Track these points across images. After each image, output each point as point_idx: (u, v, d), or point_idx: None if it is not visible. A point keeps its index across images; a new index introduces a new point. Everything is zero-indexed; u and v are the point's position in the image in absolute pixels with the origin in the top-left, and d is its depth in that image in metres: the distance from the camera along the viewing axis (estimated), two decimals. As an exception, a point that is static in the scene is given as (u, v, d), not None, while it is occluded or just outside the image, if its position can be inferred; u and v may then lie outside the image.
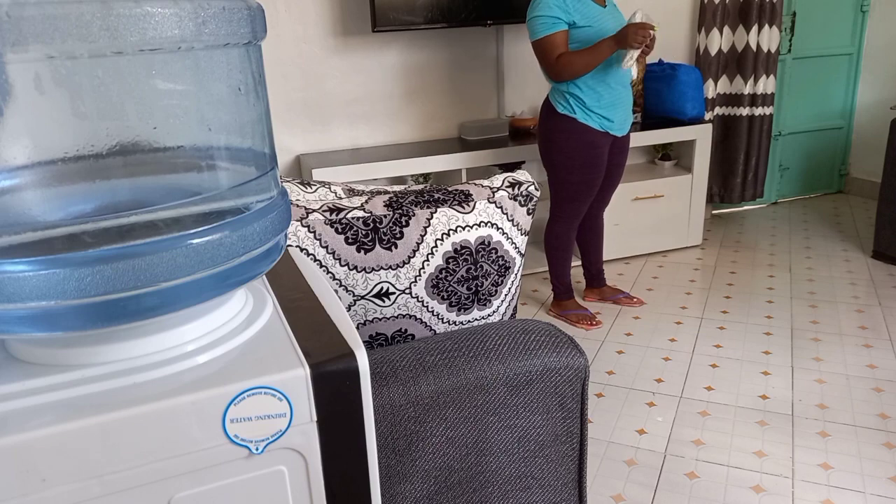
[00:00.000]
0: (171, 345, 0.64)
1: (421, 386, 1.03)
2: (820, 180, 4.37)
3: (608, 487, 1.83)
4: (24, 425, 0.55)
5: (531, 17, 2.42)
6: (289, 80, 3.04)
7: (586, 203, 2.68)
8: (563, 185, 2.63)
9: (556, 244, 2.77)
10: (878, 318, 2.72)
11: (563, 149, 2.56)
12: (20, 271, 0.54)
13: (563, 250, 2.78)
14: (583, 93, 2.47)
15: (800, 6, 3.92)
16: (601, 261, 2.99)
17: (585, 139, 2.53)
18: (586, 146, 2.54)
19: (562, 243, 2.76)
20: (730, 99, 3.76)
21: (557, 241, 2.76)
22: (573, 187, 2.62)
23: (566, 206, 2.68)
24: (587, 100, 2.48)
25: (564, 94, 2.51)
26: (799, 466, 1.87)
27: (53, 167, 0.55)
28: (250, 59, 0.66)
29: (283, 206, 0.72)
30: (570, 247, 2.79)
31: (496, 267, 1.27)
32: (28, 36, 0.50)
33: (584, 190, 2.63)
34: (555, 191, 2.68)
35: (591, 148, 2.54)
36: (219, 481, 0.62)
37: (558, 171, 2.62)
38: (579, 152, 2.55)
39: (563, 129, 2.54)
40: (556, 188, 2.66)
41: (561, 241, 2.76)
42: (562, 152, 2.57)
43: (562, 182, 2.63)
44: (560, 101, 2.53)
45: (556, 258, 2.80)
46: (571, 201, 2.66)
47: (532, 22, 2.42)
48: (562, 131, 2.54)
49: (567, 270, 2.83)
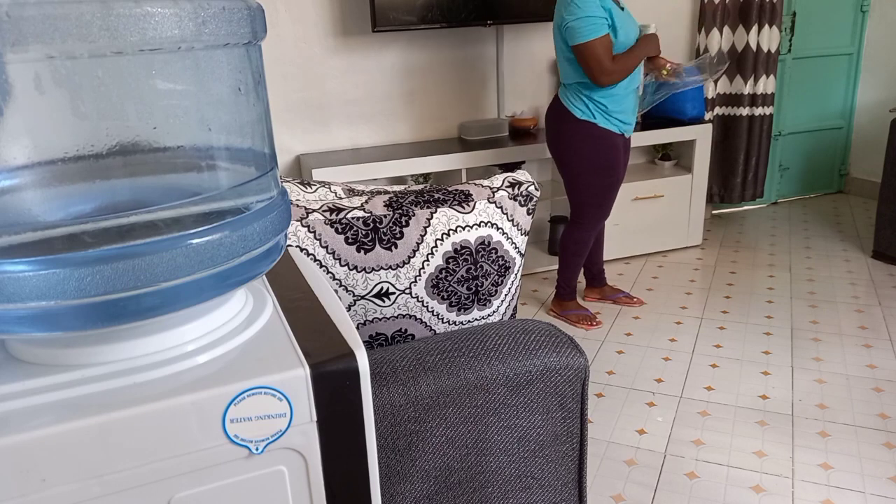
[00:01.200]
0: (171, 345, 0.64)
1: (421, 386, 1.03)
2: (820, 180, 4.37)
3: (608, 487, 1.83)
4: (24, 425, 0.55)
5: (578, 17, 2.30)
6: (289, 80, 3.04)
7: (610, 206, 2.66)
8: (588, 189, 2.59)
9: (574, 250, 2.74)
10: (878, 318, 2.72)
11: (586, 155, 2.52)
12: (20, 271, 0.54)
13: (580, 255, 2.76)
14: (606, 98, 2.45)
15: (800, 6, 3.92)
16: (601, 261, 2.98)
17: (606, 143, 2.50)
18: (607, 149, 2.52)
19: (580, 249, 2.74)
20: (730, 99, 3.76)
21: (576, 246, 2.73)
22: (597, 192, 2.59)
23: (590, 211, 2.64)
24: (610, 105, 2.46)
25: (585, 98, 2.46)
26: (799, 466, 1.87)
27: (53, 167, 0.55)
28: (250, 59, 0.66)
29: (283, 206, 0.72)
30: (588, 252, 2.78)
31: (496, 267, 1.28)
32: (28, 36, 0.50)
33: (609, 192, 2.61)
34: (576, 197, 2.64)
35: (612, 150, 2.53)
36: (219, 481, 0.62)
37: (579, 177, 2.58)
38: (601, 156, 2.52)
39: (584, 134, 2.49)
40: (579, 194, 2.62)
41: (580, 247, 2.73)
42: (585, 158, 2.53)
43: (584, 187, 2.59)
44: (578, 105, 2.48)
45: (572, 262, 2.77)
46: (595, 206, 2.63)
47: (579, 22, 2.30)
48: (583, 137, 2.50)
49: (577, 274, 2.82)
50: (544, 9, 3.15)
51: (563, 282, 2.82)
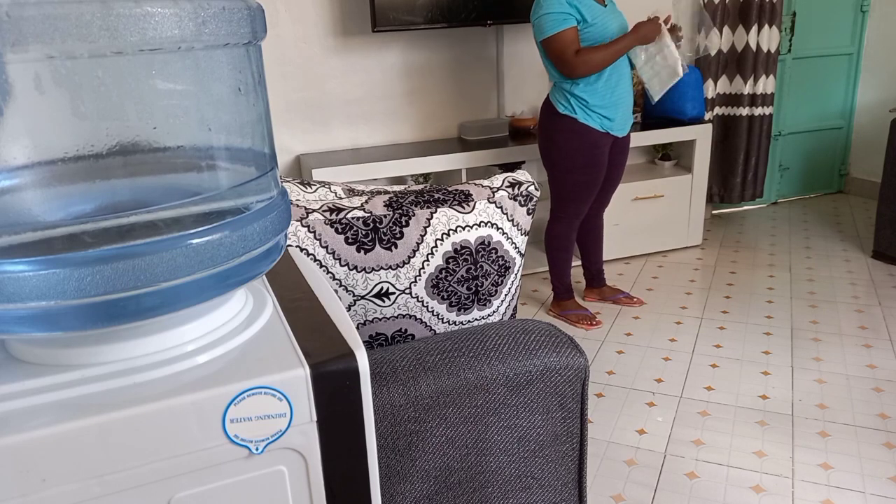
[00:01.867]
0: (171, 345, 0.64)
1: (421, 386, 1.03)
2: (820, 180, 4.37)
3: (608, 487, 1.83)
4: (24, 425, 0.55)
5: (540, 15, 2.39)
6: (289, 80, 3.04)
7: (587, 203, 2.68)
8: (564, 185, 2.63)
9: (556, 245, 2.76)
10: (878, 318, 2.72)
11: (563, 149, 2.56)
12: (20, 271, 0.54)
13: (563, 250, 2.77)
14: (585, 92, 2.47)
15: (800, 6, 3.92)
16: (601, 261, 2.99)
17: (587, 140, 2.52)
18: (587, 146, 2.53)
19: (562, 243, 2.76)
20: (730, 99, 3.76)
21: (557, 241, 2.75)
22: (574, 187, 2.62)
23: (567, 206, 2.67)
24: (590, 99, 2.47)
25: (566, 93, 2.50)
26: (799, 466, 1.87)
27: (53, 167, 0.55)
28: (250, 60, 0.66)
29: (283, 206, 0.72)
30: (571, 247, 2.79)
31: (496, 267, 1.27)
32: (28, 36, 0.50)
33: (585, 190, 2.62)
34: (555, 191, 2.67)
35: (592, 148, 2.54)
36: (219, 481, 0.62)
37: (559, 172, 2.61)
38: (580, 153, 2.54)
39: (563, 129, 2.53)
40: (557, 188, 2.66)
41: (561, 242, 2.75)
42: (562, 152, 2.57)
43: (562, 182, 2.63)
44: (561, 101, 2.52)
45: (557, 258, 2.79)
46: (572, 201, 2.66)
47: (542, 19, 2.39)
48: (562, 131, 2.54)
49: (567, 270, 2.83)
50: (544, 9, 3.15)
51: (555, 280, 2.84)
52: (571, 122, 2.51)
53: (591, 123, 2.50)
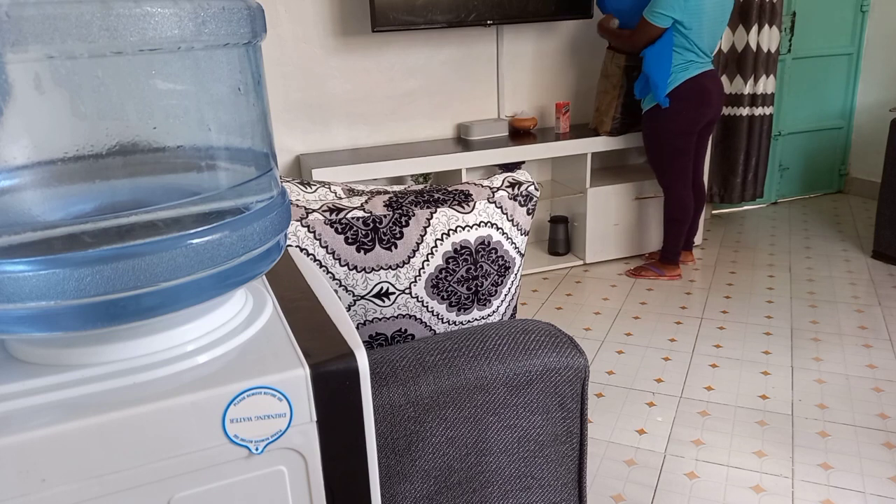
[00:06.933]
0: (171, 345, 0.64)
1: (421, 386, 1.03)
2: (820, 180, 4.37)
3: (608, 487, 1.83)
4: (24, 425, 0.55)
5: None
6: (289, 80, 3.04)
7: (691, 153, 2.91)
8: (666, 144, 2.90)
9: (680, 216, 3.01)
10: (878, 318, 2.72)
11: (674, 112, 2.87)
12: (20, 271, 0.54)
13: (685, 222, 3.02)
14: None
15: (800, 6, 3.92)
16: (696, 226, 3.28)
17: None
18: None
19: (685, 210, 2.99)
20: (730, 99, 3.76)
21: (682, 210, 2.99)
22: (677, 139, 2.89)
23: (675, 164, 2.93)
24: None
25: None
26: (799, 466, 1.87)
27: (53, 167, 0.55)
28: (250, 59, 0.66)
29: (283, 206, 0.72)
30: (691, 213, 3.04)
31: (496, 267, 1.28)
32: (28, 36, 0.50)
33: (687, 137, 2.89)
34: (659, 159, 2.94)
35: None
36: (219, 481, 0.62)
37: (660, 136, 2.90)
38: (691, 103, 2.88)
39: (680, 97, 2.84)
40: (659, 153, 2.93)
41: (684, 208, 2.98)
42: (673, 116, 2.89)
43: (664, 144, 2.90)
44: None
45: (678, 231, 3.05)
46: (680, 155, 2.92)
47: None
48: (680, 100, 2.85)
49: (682, 239, 3.11)
50: (544, 9, 3.15)
51: (670, 254, 3.14)
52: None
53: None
